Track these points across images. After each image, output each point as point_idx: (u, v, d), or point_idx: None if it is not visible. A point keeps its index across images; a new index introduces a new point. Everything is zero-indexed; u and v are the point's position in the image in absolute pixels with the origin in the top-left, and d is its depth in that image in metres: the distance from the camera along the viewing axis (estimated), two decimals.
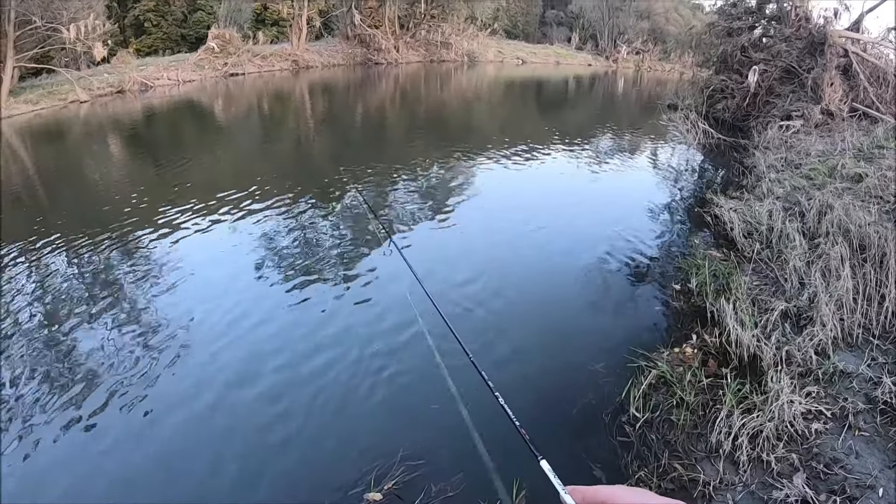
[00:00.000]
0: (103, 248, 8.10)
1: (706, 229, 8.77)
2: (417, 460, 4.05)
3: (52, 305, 6.52)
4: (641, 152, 15.60)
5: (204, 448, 4.34)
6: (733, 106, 17.65)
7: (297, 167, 13.31)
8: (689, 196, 11.20)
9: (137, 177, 12.69)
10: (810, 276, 5.98)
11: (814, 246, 6.81)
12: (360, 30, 38.48)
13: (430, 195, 10.58)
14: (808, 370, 4.55)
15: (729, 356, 4.96)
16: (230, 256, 7.84)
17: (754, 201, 8.93)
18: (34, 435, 4.43)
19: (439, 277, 7.04)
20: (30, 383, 5.06)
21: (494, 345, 5.66)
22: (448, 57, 42.84)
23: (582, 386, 4.86)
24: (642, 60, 48.89)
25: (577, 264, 7.59)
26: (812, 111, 14.32)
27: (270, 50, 34.86)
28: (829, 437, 3.82)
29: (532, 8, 61.55)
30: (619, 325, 6.13)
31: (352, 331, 5.87)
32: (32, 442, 4.36)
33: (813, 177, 9.62)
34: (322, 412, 4.68)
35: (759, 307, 5.70)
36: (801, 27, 16.75)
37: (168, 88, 26.68)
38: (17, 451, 4.27)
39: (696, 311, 6.10)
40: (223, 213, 9.40)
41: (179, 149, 15.98)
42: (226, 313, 6.22)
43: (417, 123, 20.92)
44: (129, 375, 5.13)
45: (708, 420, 4.16)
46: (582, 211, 10.05)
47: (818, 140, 12.54)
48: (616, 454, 4.08)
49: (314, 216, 9.32)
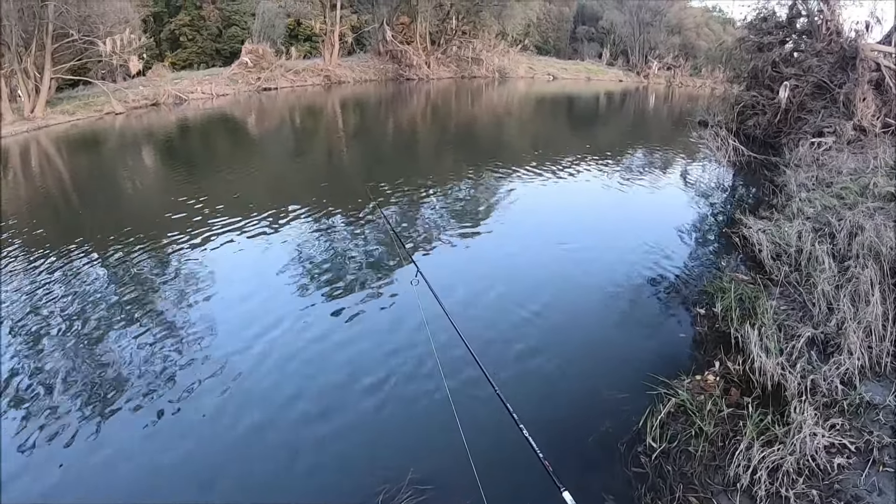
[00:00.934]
0: (136, 256, 8.36)
1: (734, 250, 8.61)
2: (426, 485, 4.01)
3: (87, 309, 6.72)
4: (672, 170, 15.43)
5: (209, 462, 4.39)
6: (764, 122, 17.38)
7: (328, 182, 13.38)
8: (718, 215, 11.03)
9: (170, 187, 12.95)
10: (839, 301, 5.82)
11: (843, 269, 6.64)
12: (392, 46, 38.77)
13: (458, 212, 10.59)
14: (833, 401, 4.41)
15: (752, 385, 4.84)
16: (258, 268, 8.01)
17: (784, 221, 8.75)
18: (82, 432, 4.66)
19: (460, 296, 7.01)
20: (76, 385, 5.28)
21: (512, 366, 5.61)
22: (479, 73, 42.94)
23: (599, 413, 4.78)
24: (673, 76, 48.52)
25: (600, 286, 7.49)
26: (844, 127, 14.04)
27: (303, 65, 35.30)
28: (852, 473, 3.69)
29: (563, 24, 61.43)
30: (641, 350, 6.01)
31: (368, 351, 5.87)
32: (86, 438, 4.60)
33: (844, 196, 9.41)
34: (333, 429, 4.70)
35: (785, 333, 5.55)
36: (832, 41, 16.49)
37: (202, 102, 27.15)
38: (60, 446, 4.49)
39: (720, 337, 5.97)
40: (254, 226, 9.54)
41: (212, 161, 16.29)
42: (246, 326, 6.32)
43: (448, 139, 20.99)
44: (153, 380, 5.35)
45: (727, 452, 4.05)
46: (609, 230, 9.96)
47: (850, 157, 12.28)
48: (630, 485, 3.99)
49: (343, 232, 9.38)
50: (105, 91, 24.25)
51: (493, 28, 44.70)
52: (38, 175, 14.57)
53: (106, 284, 7.51)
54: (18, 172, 14.86)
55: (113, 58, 24.36)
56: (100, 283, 7.56)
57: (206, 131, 21.60)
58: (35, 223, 10.09)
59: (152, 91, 26.09)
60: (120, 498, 4.07)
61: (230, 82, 30.37)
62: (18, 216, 10.61)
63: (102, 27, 23.93)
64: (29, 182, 13.83)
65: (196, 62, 41.89)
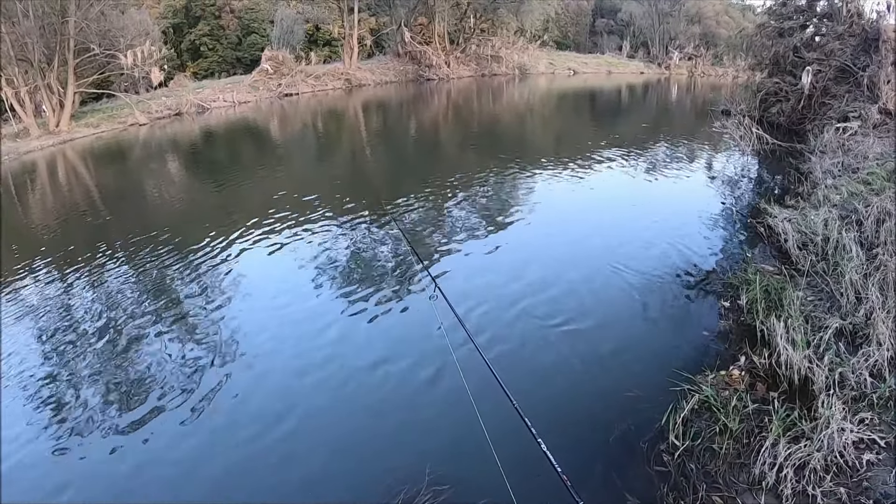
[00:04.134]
0: (162, 261, 8.63)
1: (759, 241, 8.44)
2: (443, 485, 4.02)
3: (116, 316, 6.94)
4: (696, 161, 15.19)
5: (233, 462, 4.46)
6: (788, 109, 17.04)
7: (351, 186, 13.40)
8: (743, 205, 10.84)
9: (195, 195, 13.18)
10: (867, 290, 5.68)
11: (871, 257, 6.49)
12: (411, 47, 38.79)
13: (481, 213, 10.53)
14: (861, 394, 4.30)
15: (778, 379, 4.74)
16: (281, 274, 8.14)
17: (809, 210, 8.56)
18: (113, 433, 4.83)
19: (483, 291, 7.06)
20: (106, 388, 5.48)
21: (533, 362, 5.60)
22: (499, 70, 42.74)
23: (621, 410, 4.71)
24: (695, 66, 47.87)
25: (623, 281, 7.40)
26: (869, 111, 13.71)
27: (323, 69, 35.43)
28: (882, 470, 3.59)
29: (581, 17, 61.03)
30: (664, 346, 5.91)
31: (388, 357, 5.87)
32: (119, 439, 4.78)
33: (871, 181, 9.19)
34: (355, 431, 4.77)
35: (812, 325, 5.42)
36: (853, 23, 16.12)
37: (224, 110, 27.41)
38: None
39: (745, 330, 5.87)
40: (277, 232, 9.64)
41: (236, 168, 16.44)
42: (268, 331, 6.44)
43: (470, 138, 20.91)
44: (181, 382, 5.55)
45: (752, 449, 3.96)
46: (634, 223, 9.79)
47: (876, 142, 11.97)
48: (652, 484, 3.92)
49: (366, 238, 9.37)
50: (128, 103, 24.67)
51: (511, 25, 44.49)
52: (66, 187, 14.85)
53: (133, 290, 7.71)
54: (46, 185, 15.16)
55: (135, 70, 24.77)
56: (128, 288, 7.77)
57: (229, 139, 21.81)
58: (64, 232, 10.35)
59: (175, 101, 26.42)
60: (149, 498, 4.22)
61: (251, 89, 30.60)
62: (48, 228, 10.85)
63: (123, 40, 24.40)
64: (57, 194, 14.11)
65: (217, 71, 42.37)
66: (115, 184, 15.07)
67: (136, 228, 10.16)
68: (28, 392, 5.54)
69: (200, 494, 4.21)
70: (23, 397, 5.46)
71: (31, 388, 5.58)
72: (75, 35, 21.62)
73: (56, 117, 21.72)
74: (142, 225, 10.45)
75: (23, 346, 6.41)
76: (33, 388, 5.58)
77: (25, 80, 21.12)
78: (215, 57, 44.36)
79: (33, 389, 5.57)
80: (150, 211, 11.97)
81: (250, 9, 44.76)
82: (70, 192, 14.18)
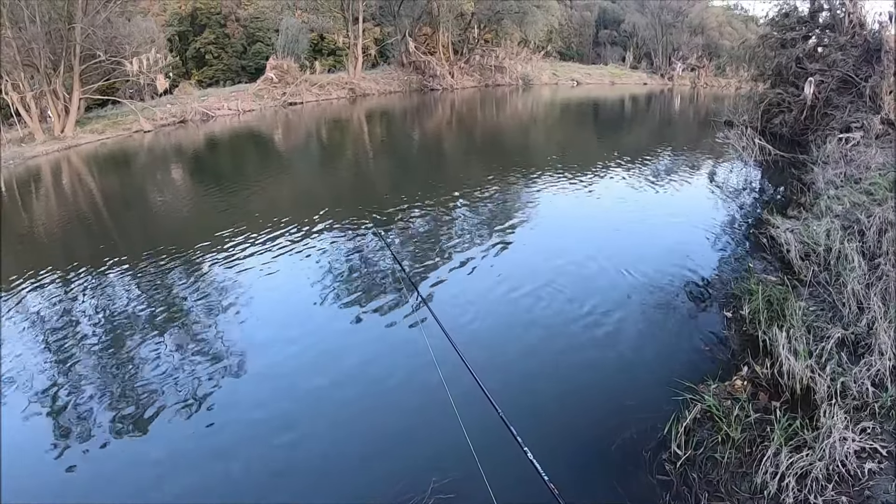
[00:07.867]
0: (164, 268, 8.67)
1: (762, 251, 8.44)
2: (448, 493, 4.02)
3: (119, 324, 6.96)
4: (699, 172, 15.21)
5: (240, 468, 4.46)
6: (790, 120, 17.10)
7: (354, 195, 13.48)
8: (746, 216, 10.85)
9: (198, 203, 13.21)
10: (869, 300, 5.69)
11: (873, 267, 6.50)
12: (415, 57, 39.00)
13: (481, 220, 10.63)
14: (863, 403, 4.30)
15: (780, 389, 4.75)
16: (283, 283, 8.18)
17: (812, 220, 8.58)
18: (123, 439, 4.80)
19: (488, 301, 7.06)
20: (109, 394, 5.48)
21: (533, 373, 5.61)
22: (503, 81, 42.95)
23: (623, 420, 4.70)
24: (698, 77, 47.97)
25: (625, 291, 7.40)
26: (872, 121, 13.73)
27: (327, 79, 35.61)
28: (883, 479, 3.59)
29: (585, 28, 61.27)
30: (666, 356, 5.92)
31: (380, 368, 5.92)
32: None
33: (873, 191, 9.21)
34: (359, 441, 4.79)
35: (814, 335, 5.42)
36: (855, 34, 16.17)
37: (228, 118, 27.56)
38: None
39: (747, 340, 5.87)
40: (277, 242, 9.65)
41: (240, 176, 16.51)
42: (267, 339, 6.49)
43: (474, 148, 21.01)
44: (182, 387, 5.58)
45: (754, 458, 3.96)
46: (635, 235, 9.78)
47: (879, 152, 11.98)
48: (654, 493, 3.92)
49: (363, 249, 9.34)
50: (133, 109, 24.79)
51: (515, 36, 44.74)
52: (70, 192, 14.92)
53: (134, 295, 7.76)
54: (50, 191, 15.24)
55: (140, 77, 24.94)
56: (128, 294, 7.82)
57: (233, 147, 21.91)
58: (67, 238, 10.40)
59: (179, 108, 26.58)
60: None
61: (256, 98, 30.77)
62: (51, 233, 10.89)
63: (129, 47, 24.55)
64: (61, 200, 14.18)
65: (222, 79, 42.46)
66: (118, 190, 15.16)
67: (138, 235, 10.26)
68: (28, 393, 5.58)
69: (200, 496, 4.23)
70: (23, 398, 5.50)
71: (31, 391, 5.62)
72: (81, 41, 21.80)
73: (61, 123, 21.87)
74: (144, 231, 10.54)
75: (23, 348, 6.46)
76: (33, 391, 5.62)
77: (31, 86, 21.30)
78: (220, 65, 44.50)
79: (33, 391, 5.60)
80: (152, 218, 12.03)
81: (255, 17, 44.92)
82: (74, 198, 14.26)
